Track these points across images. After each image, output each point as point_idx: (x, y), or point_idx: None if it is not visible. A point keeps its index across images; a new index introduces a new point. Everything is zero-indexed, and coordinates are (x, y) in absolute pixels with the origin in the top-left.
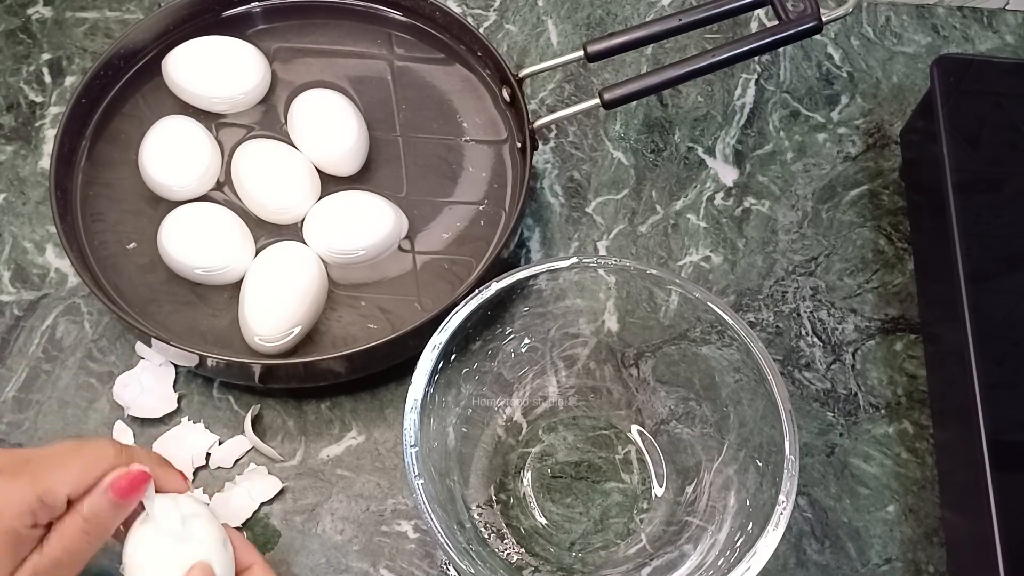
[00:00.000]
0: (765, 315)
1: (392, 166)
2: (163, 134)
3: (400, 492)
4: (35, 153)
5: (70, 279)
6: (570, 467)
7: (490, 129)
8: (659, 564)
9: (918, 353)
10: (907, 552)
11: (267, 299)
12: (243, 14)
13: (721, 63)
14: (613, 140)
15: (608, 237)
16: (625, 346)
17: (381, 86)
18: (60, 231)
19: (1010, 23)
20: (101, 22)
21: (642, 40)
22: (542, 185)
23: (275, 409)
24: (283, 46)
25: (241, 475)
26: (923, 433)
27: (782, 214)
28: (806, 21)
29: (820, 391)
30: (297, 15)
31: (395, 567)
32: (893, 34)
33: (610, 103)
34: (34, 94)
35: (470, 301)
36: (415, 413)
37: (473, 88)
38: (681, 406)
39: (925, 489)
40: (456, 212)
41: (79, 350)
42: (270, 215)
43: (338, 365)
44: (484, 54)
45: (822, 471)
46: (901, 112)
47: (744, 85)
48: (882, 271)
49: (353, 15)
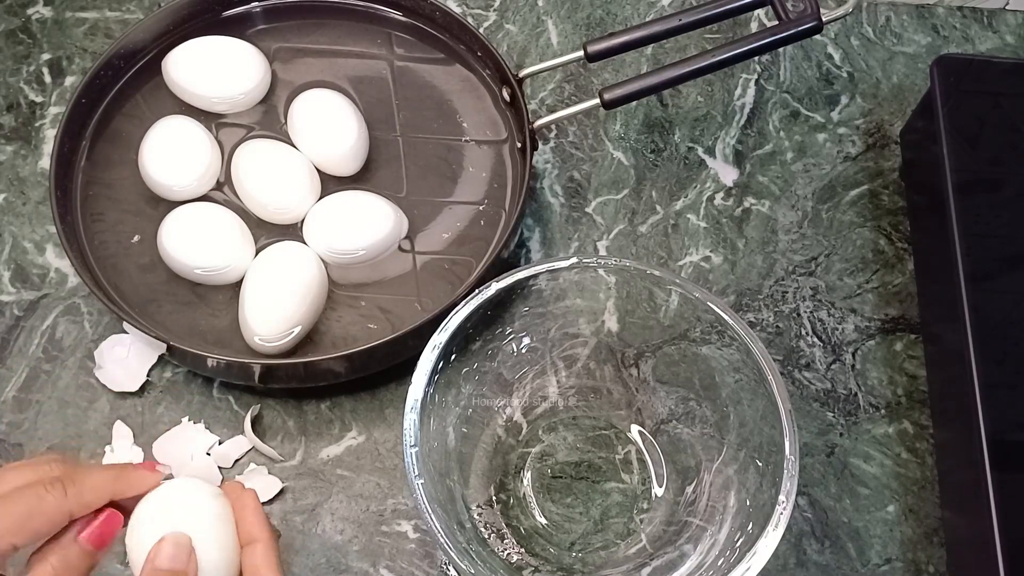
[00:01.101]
0: (765, 315)
1: (392, 166)
2: (163, 134)
3: (400, 492)
4: (35, 153)
5: (70, 279)
6: (570, 467)
7: (490, 129)
8: (659, 564)
9: (918, 353)
10: (907, 552)
11: (267, 299)
12: (243, 14)
13: (721, 63)
14: (613, 140)
15: (608, 237)
16: (625, 346)
17: (381, 86)
18: (60, 231)
19: (1010, 23)
20: (101, 22)
21: (642, 40)
22: (542, 185)
23: (275, 409)
24: (283, 46)
25: (241, 475)
26: (923, 433)
27: (782, 214)
28: (806, 21)
29: (820, 391)
30: (297, 15)
31: (395, 567)
32: (893, 34)
33: (610, 103)
34: (34, 94)
35: (470, 301)
36: (415, 413)
37: (473, 88)
38: (681, 406)
39: (925, 489)
40: (456, 212)
41: (79, 350)
42: (270, 215)
43: (338, 365)
44: (484, 54)
45: (822, 471)
46: (901, 112)
47: (744, 85)
48: (882, 271)
49: (353, 15)
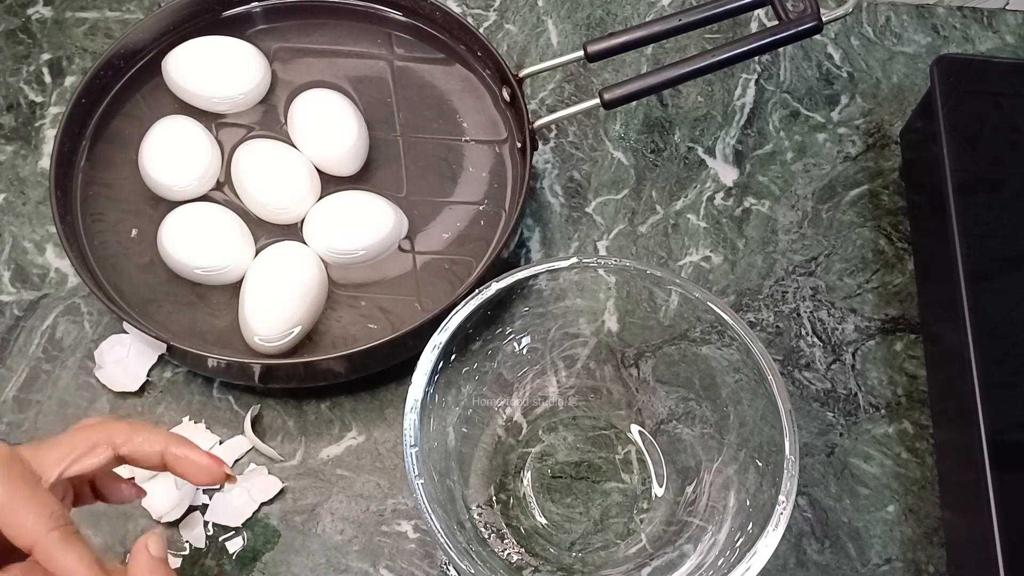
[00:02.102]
0: (765, 315)
1: (392, 166)
2: (163, 134)
3: (400, 492)
4: (35, 153)
5: (70, 279)
6: (570, 467)
7: (490, 129)
8: (659, 564)
9: (918, 353)
10: (907, 552)
11: (267, 299)
12: (243, 14)
13: (721, 63)
14: (613, 140)
15: (608, 237)
16: (625, 346)
17: (381, 86)
18: (60, 231)
19: (1010, 23)
20: (101, 22)
21: (642, 40)
22: (542, 185)
23: (275, 409)
24: (283, 46)
25: (241, 475)
26: (923, 433)
27: (782, 214)
28: (806, 21)
29: (820, 391)
30: (297, 15)
31: (395, 567)
32: (893, 34)
33: (610, 103)
34: (34, 94)
35: (470, 301)
36: (415, 413)
37: (473, 88)
38: (681, 406)
39: (925, 489)
40: (456, 212)
41: (79, 350)
42: (270, 215)
43: (338, 365)
44: (484, 54)
45: (822, 471)
46: (901, 112)
47: (744, 85)
48: (882, 271)
49: (353, 15)
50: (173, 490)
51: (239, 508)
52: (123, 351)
